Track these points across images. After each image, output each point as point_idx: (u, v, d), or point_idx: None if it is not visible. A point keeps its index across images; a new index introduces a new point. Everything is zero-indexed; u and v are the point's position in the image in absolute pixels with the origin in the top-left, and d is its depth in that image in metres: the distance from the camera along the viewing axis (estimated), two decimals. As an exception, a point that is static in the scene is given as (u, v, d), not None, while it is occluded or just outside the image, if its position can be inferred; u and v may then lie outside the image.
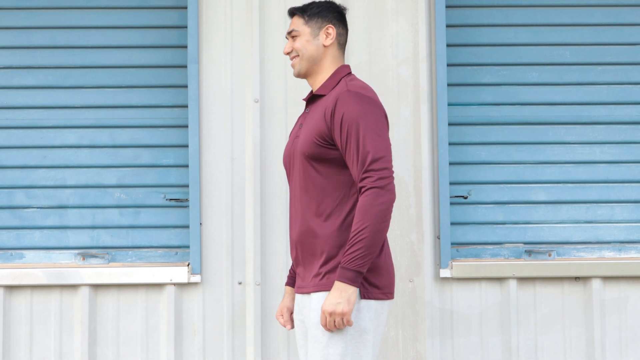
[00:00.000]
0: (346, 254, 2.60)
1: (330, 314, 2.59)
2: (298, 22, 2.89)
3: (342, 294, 2.59)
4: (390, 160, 2.66)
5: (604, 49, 3.94)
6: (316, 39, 2.86)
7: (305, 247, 2.76)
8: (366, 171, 2.63)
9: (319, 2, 2.93)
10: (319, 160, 2.74)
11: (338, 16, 2.89)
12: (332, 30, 2.85)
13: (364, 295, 2.67)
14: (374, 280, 2.68)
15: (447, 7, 3.86)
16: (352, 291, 2.59)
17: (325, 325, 2.61)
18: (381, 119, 2.71)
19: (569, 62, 3.93)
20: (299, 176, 2.79)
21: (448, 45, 3.86)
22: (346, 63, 3.74)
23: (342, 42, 2.90)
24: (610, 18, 3.95)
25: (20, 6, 3.91)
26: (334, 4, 2.93)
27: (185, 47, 3.86)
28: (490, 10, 3.94)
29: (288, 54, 2.90)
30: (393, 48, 3.84)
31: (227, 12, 3.85)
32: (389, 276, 2.73)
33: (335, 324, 2.60)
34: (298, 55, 2.87)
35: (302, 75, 2.90)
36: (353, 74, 2.88)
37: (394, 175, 2.88)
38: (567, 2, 3.95)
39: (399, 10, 3.84)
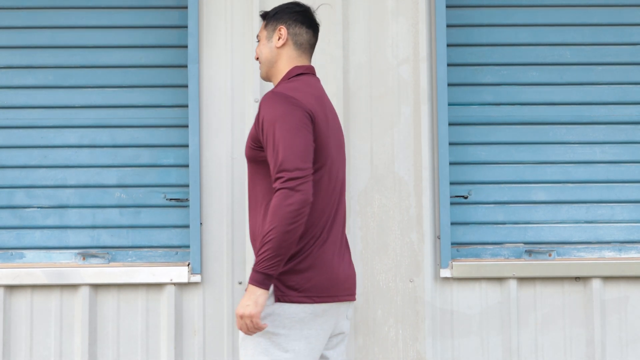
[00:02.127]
0: (256, 255, 2.58)
1: (241, 317, 2.57)
2: (261, 27, 2.90)
3: (251, 297, 2.56)
4: (305, 160, 2.59)
5: (604, 49, 3.94)
6: (270, 41, 2.85)
7: (253, 247, 2.80)
8: (278, 171, 2.58)
9: (281, 4, 2.91)
10: (255, 163, 2.74)
11: (295, 16, 2.85)
12: (283, 31, 2.82)
13: (278, 298, 2.62)
14: (291, 282, 2.63)
15: (447, 7, 3.86)
16: (261, 293, 2.55)
17: (240, 329, 2.60)
18: (301, 119, 2.63)
19: (569, 62, 3.93)
20: (248, 178, 2.82)
21: (448, 45, 3.86)
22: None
23: (300, 41, 2.85)
24: (610, 18, 3.95)
25: (20, 6, 3.91)
26: (293, 3, 2.90)
27: (185, 47, 3.86)
28: (490, 10, 3.94)
29: (257, 59, 2.92)
30: (393, 48, 3.83)
31: (228, 12, 3.85)
32: (317, 279, 2.67)
33: (248, 327, 2.58)
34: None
35: (265, 79, 2.91)
36: (304, 75, 2.82)
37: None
38: (567, 2, 3.95)
39: (399, 10, 3.84)
